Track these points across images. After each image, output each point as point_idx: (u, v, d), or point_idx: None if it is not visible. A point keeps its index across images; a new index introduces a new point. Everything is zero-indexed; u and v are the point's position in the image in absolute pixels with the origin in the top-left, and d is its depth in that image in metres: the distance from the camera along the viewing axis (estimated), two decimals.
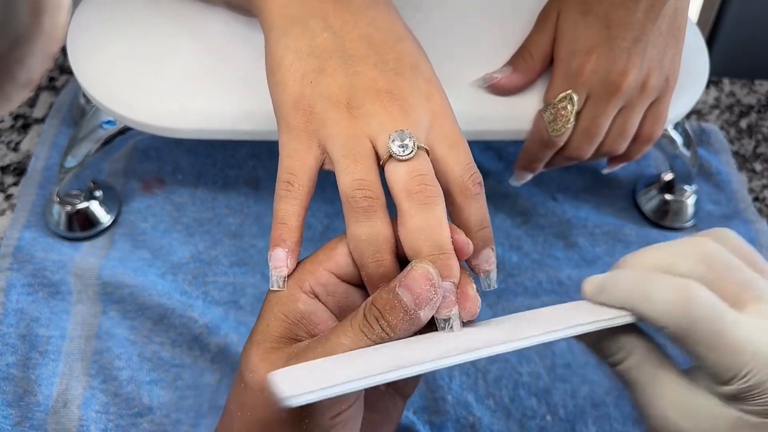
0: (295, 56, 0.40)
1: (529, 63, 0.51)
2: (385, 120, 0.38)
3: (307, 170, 0.38)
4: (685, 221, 0.62)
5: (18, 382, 0.52)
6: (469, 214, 0.39)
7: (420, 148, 0.37)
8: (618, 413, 0.53)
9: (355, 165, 0.37)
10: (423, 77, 0.40)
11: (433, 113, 0.40)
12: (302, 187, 0.38)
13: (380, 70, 0.39)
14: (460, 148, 0.39)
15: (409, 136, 0.37)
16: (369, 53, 0.40)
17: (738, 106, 0.72)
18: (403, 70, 0.40)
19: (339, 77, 0.39)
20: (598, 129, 0.50)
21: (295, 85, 0.39)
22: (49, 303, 0.55)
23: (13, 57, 0.22)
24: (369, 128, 0.38)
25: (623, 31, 0.48)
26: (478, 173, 0.39)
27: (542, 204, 0.63)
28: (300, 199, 0.38)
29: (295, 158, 0.39)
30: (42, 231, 0.59)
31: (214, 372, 0.53)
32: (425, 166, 0.37)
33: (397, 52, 0.40)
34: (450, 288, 0.36)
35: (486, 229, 0.40)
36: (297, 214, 0.38)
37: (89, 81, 0.50)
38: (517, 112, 0.51)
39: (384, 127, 0.38)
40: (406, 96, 0.39)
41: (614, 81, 0.48)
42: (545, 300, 0.58)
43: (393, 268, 0.37)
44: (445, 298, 0.35)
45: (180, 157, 0.64)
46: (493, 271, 0.40)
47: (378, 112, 0.38)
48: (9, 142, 0.65)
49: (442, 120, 0.40)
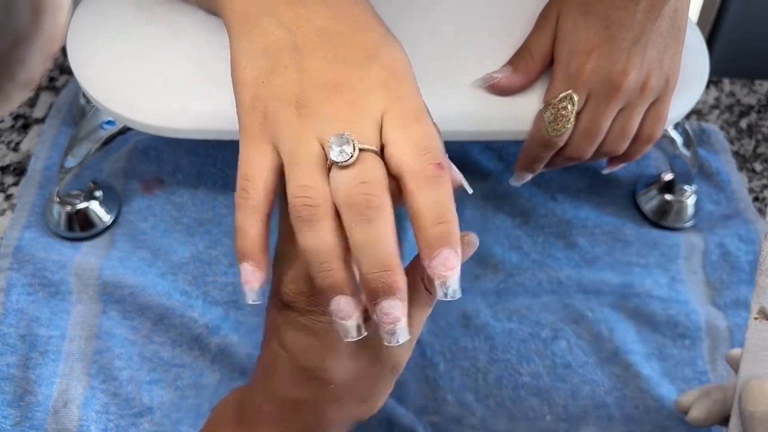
0: (248, 58, 0.39)
1: (530, 63, 0.51)
2: (331, 117, 0.36)
3: (263, 176, 0.36)
4: (685, 221, 0.62)
5: (18, 382, 0.52)
6: (420, 204, 0.35)
7: (365, 150, 0.35)
8: (619, 413, 0.53)
9: (299, 170, 0.35)
10: (380, 64, 0.37)
11: (388, 100, 0.36)
12: (259, 195, 0.36)
13: (331, 62, 0.37)
14: (416, 128, 0.36)
15: (348, 139, 0.35)
16: (321, 46, 0.38)
17: (738, 106, 0.72)
18: (356, 60, 0.37)
19: (289, 75, 0.37)
20: (599, 129, 0.50)
21: (249, 86, 0.38)
22: (49, 303, 0.55)
23: (13, 57, 0.22)
24: (316, 128, 0.36)
25: (623, 31, 0.48)
26: (435, 153, 0.35)
27: (542, 204, 0.63)
28: (256, 207, 0.37)
29: (250, 164, 0.37)
30: (42, 231, 0.59)
31: (214, 372, 0.53)
32: (369, 172, 0.35)
33: (354, 42, 0.38)
34: (393, 305, 0.34)
35: (445, 224, 0.35)
36: (254, 224, 0.37)
37: (89, 81, 0.50)
38: (517, 113, 0.51)
39: (331, 125, 0.35)
40: (357, 87, 0.36)
41: (614, 81, 0.48)
42: (545, 300, 0.58)
43: (342, 276, 0.35)
44: (388, 315, 0.34)
45: (180, 157, 0.64)
46: (452, 278, 0.35)
47: (325, 110, 0.36)
48: (9, 142, 0.65)
49: (400, 104, 0.37)
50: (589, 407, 0.53)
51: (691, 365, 0.55)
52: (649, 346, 0.56)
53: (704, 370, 0.55)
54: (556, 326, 0.56)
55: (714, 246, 0.61)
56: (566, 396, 0.54)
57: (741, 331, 0.56)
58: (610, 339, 0.56)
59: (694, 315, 0.57)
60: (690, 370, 0.55)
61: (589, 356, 0.55)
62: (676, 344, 0.56)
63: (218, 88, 0.49)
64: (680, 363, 0.55)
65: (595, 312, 0.57)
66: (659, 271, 0.60)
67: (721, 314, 0.57)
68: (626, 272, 0.59)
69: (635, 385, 0.54)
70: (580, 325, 0.56)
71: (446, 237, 0.34)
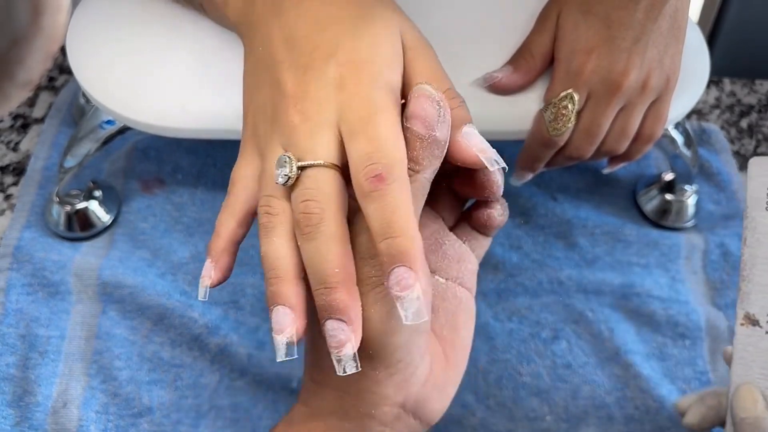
0: (245, 73, 0.41)
1: (530, 62, 0.51)
2: (289, 132, 0.36)
3: (243, 182, 0.38)
4: (686, 221, 0.62)
5: (18, 382, 0.52)
6: (369, 220, 0.33)
7: (311, 167, 0.35)
8: (619, 414, 0.53)
9: (266, 182, 0.37)
10: (338, 62, 0.37)
11: (340, 106, 0.36)
12: (237, 199, 0.38)
13: (292, 71, 0.37)
14: (362, 137, 0.34)
15: (285, 160, 0.35)
16: (286, 56, 0.38)
17: (738, 106, 0.72)
18: (313, 64, 0.37)
19: (266, 90, 0.38)
20: (599, 129, 0.50)
21: (245, 100, 0.41)
22: (48, 303, 0.55)
23: (13, 57, 0.22)
24: (282, 142, 0.37)
25: (624, 30, 0.47)
26: (376, 165, 0.33)
27: (542, 204, 0.63)
28: (233, 208, 0.38)
29: (236, 170, 0.39)
30: (42, 231, 0.59)
31: (214, 372, 0.53)
32: (310, 190, 0.34)
33: (316, 44, 0.37)
34: (335, 327, 0.33)
35: (391, 240, 0.33)
36: (227, 225, 0.38)
37: (88, 81, 0.50)
38: (517, 112, 0.51)
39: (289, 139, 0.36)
40: (311, 96, 0.36)
41: (615, 81, 0.48)
42: (545, 300, 0.58)
43: (284, 288, 0.35)
44: (332, 338, 0.33)
45: (180, 157, 0.64)
46: (407, 298, 0.32)
47: (284, 124, 0.36)
48: (8, 142, 0.65)
49: (352, 107, 0.36)
50: (590, 407, 0.53)
51: (691, 365, 0.55)
52: (649, 346, 0.56)
53: (704, 370, 0.55)
54: (557, 326, 0.56)
55: (714, 246, 0.61)
56: (566, 396, 0.53)
57: None
58: (611, 339, 0.56)
59: (694, 315, 0.57)
60: (690, 370, 0.55)
61: (590, 356, 0.55)
62: (676, 344, 0.56)
63: (218, 88, 0.49)
64: (680, 363, 0.55)
65: (596, 312, 0.57)
66: (660, 271, 0.60)
67: (721, 314, 0.57)
68: (626, 272, 0.59)
69: (635, 386, 0.54)
70: (580, 325, 0.56)
71: (396, 254, 0.32)
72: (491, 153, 0.37)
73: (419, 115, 0.34)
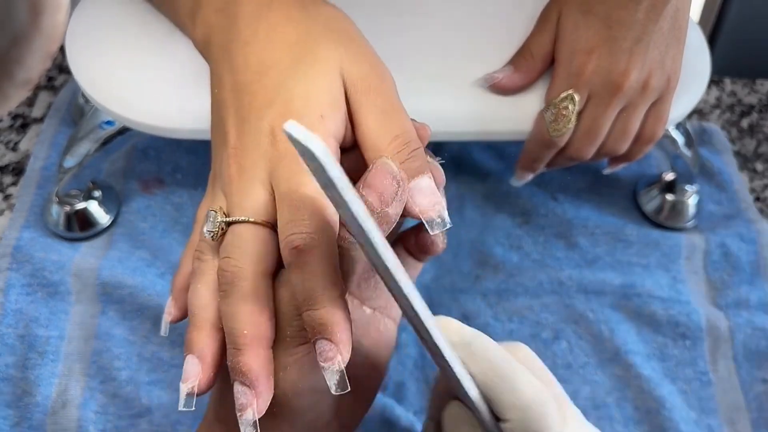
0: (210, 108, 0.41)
1: (530, 63, 0.50)
2: (227, 185, 0.36)
3: (201, 218, 0.38)
4: (687, 221, 0.62)
5: (17, 382, 0.51)
6: (292, 287, 0.33)
7: (233, 223, 0.34)
8: (619, 414, 0.53)
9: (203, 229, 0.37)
10: (272, 113, 0.36)
11: (271, 161, 0.35)
12: (195, 235, 0.39)
13: (235, 122, 0.37)
14: (287, 199, 0.33)
15: (211, 216, 0.35)
16: (233, 103, 0.37)
17: (739, 106, 0.72)
18: (251, 115, 0.36)
19: (219, 134, 0.38)
20: (600, 129, 0.50)
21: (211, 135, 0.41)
22: (48, 303, 0.55)
23: (12, 56, 0.22)
24: (222, 191, 0.37)
25: (624, 31, 0.47)
26: (294, 236, 0.32)
27: (543, 204, 0.63)
28: (191, 245, 0.39)
29: (200, 205, 0.39)
30: (41, 231, 0.58)
31: None
32: (229, 247, 0.34)
33: (255, 92, 0.37)
34: (240, 391, 0.32)
35: (313, 311, 0.32)
36: (188, 261, 0.38)
37: (88, 81, 0.50)
38: (518, 112, 0.51)
39: (228, 192, 0.36)
40: (247, 149, 0.35)
41: (616, 81, 0.48)
42: (546, 300, 0.57)
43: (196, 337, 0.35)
44: (237, 399, 0.33)
45: (180, 157, 0.63)
46: (330, 370, 0.31)
47: (224, 176, 0.36)
48: (8, 142, 0.65)
49: (282, 163, 0.34)
50: (590, 408, 0.53)
51: (692, 366, 0.55)
52: (649, 347, 0.56)
53: (705, 371, 0.55)
54: (557, 327, 0.56)
55: (715, 246, 0.61)
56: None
57: (742, 331, 0.56)
58: (611, 339, 0.55)
59: (695, 315, 0.57)
60: (691, 371, 0.55)
61: (590, 357, 0.55)
62: (677, 345, 0.56)
63: None
64: (681, 363, 0.55)
65: (596, 312, 0.57)
66: (660, 271, 0.59)
67: (722, 314, 0.57)
68: (627, 272, 0.59)
69: (636, 386, 0.54)
70: (580, 326, 0.56)
71: (316, 327, 0.32)
72: (434, 213, 0.34)
73: (376, 188, 0.33)
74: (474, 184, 0.64)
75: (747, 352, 0.55)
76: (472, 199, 0.63)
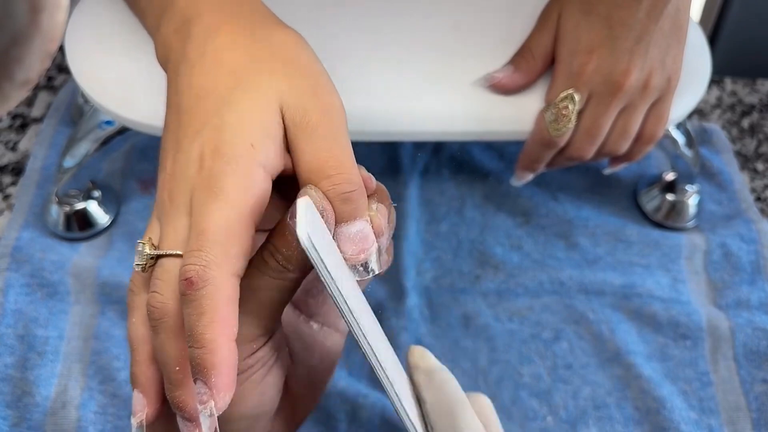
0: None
1: (531, 62, 0.50)
2: (160, 213, 0.35)
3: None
4: (687, 221, 0.62)
5: (16, 382, 0.51)
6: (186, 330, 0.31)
7: (165, 256, 0.33)
8: (619, 414, 0.53)
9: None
10: (201, 141, 0.34)
11: (195, 190, 0.33)
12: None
13: (171, 148, 0.35)
14: (194, 227, 0.32)
15: (139, 248, 0.34)
16: (173, 127, 0.36)
17: (740, 106, 0.72)
18: (183, 141, 0.35)
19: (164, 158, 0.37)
20: (600, 129, 0.50)
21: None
22: (47, 303, 0.55)
23: (11, 56, 0.22)
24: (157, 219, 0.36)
25: (625, 30, 0.47)
26: (189, 267, 0.31)
27: (543, 204, 0.63)
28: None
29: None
30: (40, 231, 0.58)
31: None
32: (157, 281, 0.33)
33: (191, 119, 0.35)
34: (181, 422, 0.32)
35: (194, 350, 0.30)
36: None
37: (87, 80, 0.50)
38: (518, 112, 0.51)
39: (162, 220, 0.35)
40: (177, 176, 0.34)
41: (616, 81, 0.48)
42: (546, 300, 0.57)
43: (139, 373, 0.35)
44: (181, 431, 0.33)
45: None
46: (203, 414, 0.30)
47: (158, 203, 0.35)
48: (7, 142, 0.65)
49: (199, 189, 0.33)
50: (590, 408, 0.53)
51: (692, 366, 0.55)
52: (650, 347, 0.56)
53: (706, 371, 0.55)
54: (557, 327, 0.56)
55: (716, 246, 0.61)
56: (567, 397, 0.53)
57: (742, 331, 0.56)
58: (612, 340, 0.55)
59: (695, 315, 0.57)
60: (691, 371, 0.55)
61: (591, 357, 0.55)
62: (677, 345, 0.56)
63: None
64: (682, 364, 0.55)
65: (597, 312, 0.57)
66: (661, 271, 0.59)
67: (722, 315, 0.57)
68: (628, 272, 0.59)
69: (636, 386, 0.54)
70: (581, 326, 0.56)
71: (194, 366, 0.31)
72: (357, 261, 0.34)
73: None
74: (474, 183, 0.64)
75: (747, 352, 0.55)
76: (472, 199, 0.63)
